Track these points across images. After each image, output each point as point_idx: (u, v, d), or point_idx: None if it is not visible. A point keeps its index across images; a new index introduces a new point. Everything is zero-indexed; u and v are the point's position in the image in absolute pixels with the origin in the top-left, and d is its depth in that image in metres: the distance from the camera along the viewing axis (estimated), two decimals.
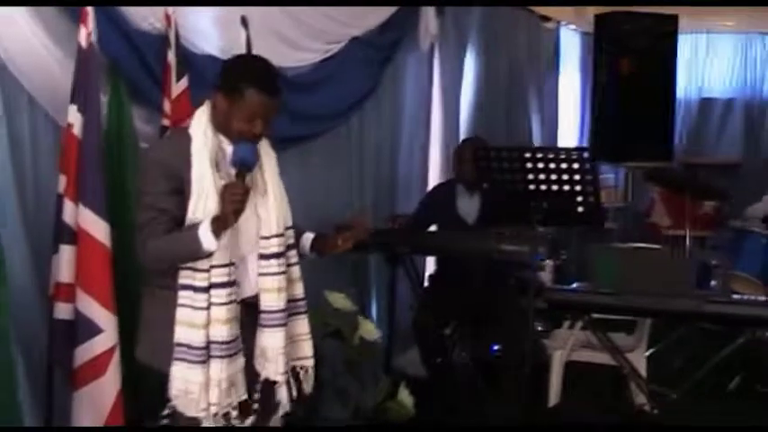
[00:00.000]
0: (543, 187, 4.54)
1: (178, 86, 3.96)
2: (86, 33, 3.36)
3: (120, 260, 3.47)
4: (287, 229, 3.25)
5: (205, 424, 3.07)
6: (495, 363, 5.48)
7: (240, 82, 3.03)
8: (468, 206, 5.44)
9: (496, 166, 4.63)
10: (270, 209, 3.17)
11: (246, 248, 3.16)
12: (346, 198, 5.56)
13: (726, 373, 5.74)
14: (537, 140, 8.68)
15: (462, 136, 6.81)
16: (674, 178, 7.27)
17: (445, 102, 6.72)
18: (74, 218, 3.34)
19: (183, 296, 3.03)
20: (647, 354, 5.36)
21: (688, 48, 9.17)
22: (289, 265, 3.26)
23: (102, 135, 3.51)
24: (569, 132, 9.65)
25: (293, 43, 4.75)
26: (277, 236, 3.17)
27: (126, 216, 3.60)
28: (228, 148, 3.08)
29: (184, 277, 3.03)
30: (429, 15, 6.09)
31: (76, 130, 3.35)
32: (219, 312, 3.02)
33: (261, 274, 3.18)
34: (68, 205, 3.35)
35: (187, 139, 3.04)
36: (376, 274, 5.81)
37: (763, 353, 5.74)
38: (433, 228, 5.51)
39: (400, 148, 6.20)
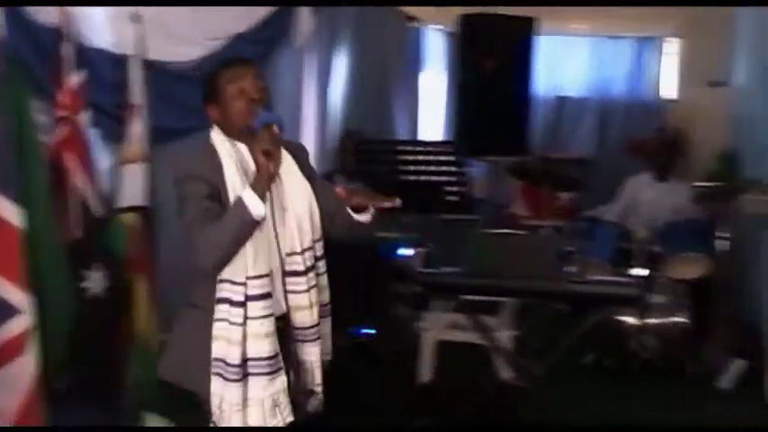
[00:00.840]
0: (419, 178, 4.84)
1: (72, 78, 4.13)
2: None
3: None
4: (315, 241, 3.11)
5: None
6: (370, 345, 5.74)
7: (212, 79, 3.03)
8: None
9: (377, 158, 4.92)
10: (290, 224, 3.04)
11: (273, 264, 3.02)
12: None
13: (581, 349, 6.18)
14: (402, 135, 8.99)
15: (332, 130, 7.06)
16: (533, 171, 7.64)
17: (317, 97, 6.95)
18: None
19: (220, 310, 2.95)
20: (512, 334, 5.72)
21: (546, 49, 9.57)
22: (318, 275, 3.15)
23: None
24: (434, 128, 10.00)
25: (181, 38, 4.93)
26: (301, 252, 3.05)
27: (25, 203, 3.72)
28: (247, 154, 2.98)
29: (221, 290, 2.95)
30: (304, 14, 6.31)
31: None
32: (257, 327, 2.93)
33: (289, 292, 3.08)
34: None
35: (212, 149, 2.99)
36: None
37: (613, 331, 6.18)
38: None
39: None
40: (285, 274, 3.06)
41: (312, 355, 3.14)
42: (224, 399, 2.94)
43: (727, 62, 8.85)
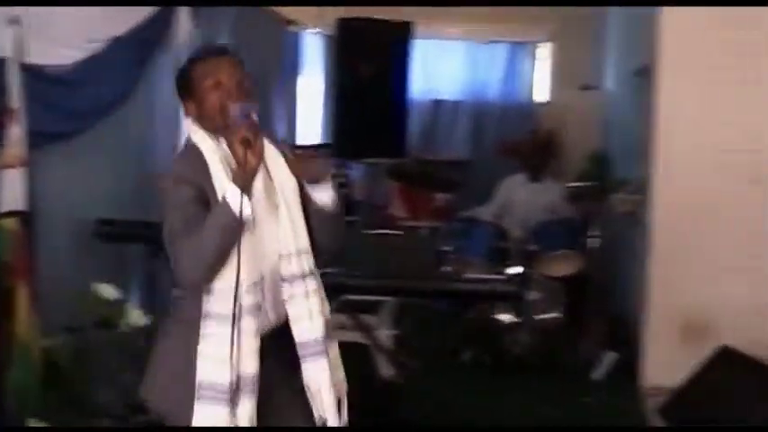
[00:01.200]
0: None
1: None
2: None
3: None
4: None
5: None
6: None
7: (186, 72, 2.87)
8: None
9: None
10: (283, 223, 2.78)
11: (264, 269, 2.78)
12: (107, 195, 5.68)
13: (459, 346, 6.35)
14: (280, 138, 9.02)
15: None
16: (410, 173, 7.77)
17: None
18: None
19: (209, 326, 2.69)
20: (392, 333, 5.84)
21: (422, 53, 9.68)
22: (318, 284, 2.88)
23: None
24: (313, 131, 10.05)
25: (58, 40, 4.88)
26: (298, 253, 2.79)
27: None
28: (227, 149, 2.76)
29: (209, 302, 2.70)
30: (183, 17, 6.30)
31: None
32: (249, 341, 2.67)
33: (286, 300, 2.80)
34: None
35: (197, 151, 2.79)
36: (134, 265, 5.96)
37: (490, 328, 6.36)
38: None
39: (156, 146, 6.37)
40: (282, 280, 2.79)
41: (316, 373, 2.82)
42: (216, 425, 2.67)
43: (597, 67, 9.17)
